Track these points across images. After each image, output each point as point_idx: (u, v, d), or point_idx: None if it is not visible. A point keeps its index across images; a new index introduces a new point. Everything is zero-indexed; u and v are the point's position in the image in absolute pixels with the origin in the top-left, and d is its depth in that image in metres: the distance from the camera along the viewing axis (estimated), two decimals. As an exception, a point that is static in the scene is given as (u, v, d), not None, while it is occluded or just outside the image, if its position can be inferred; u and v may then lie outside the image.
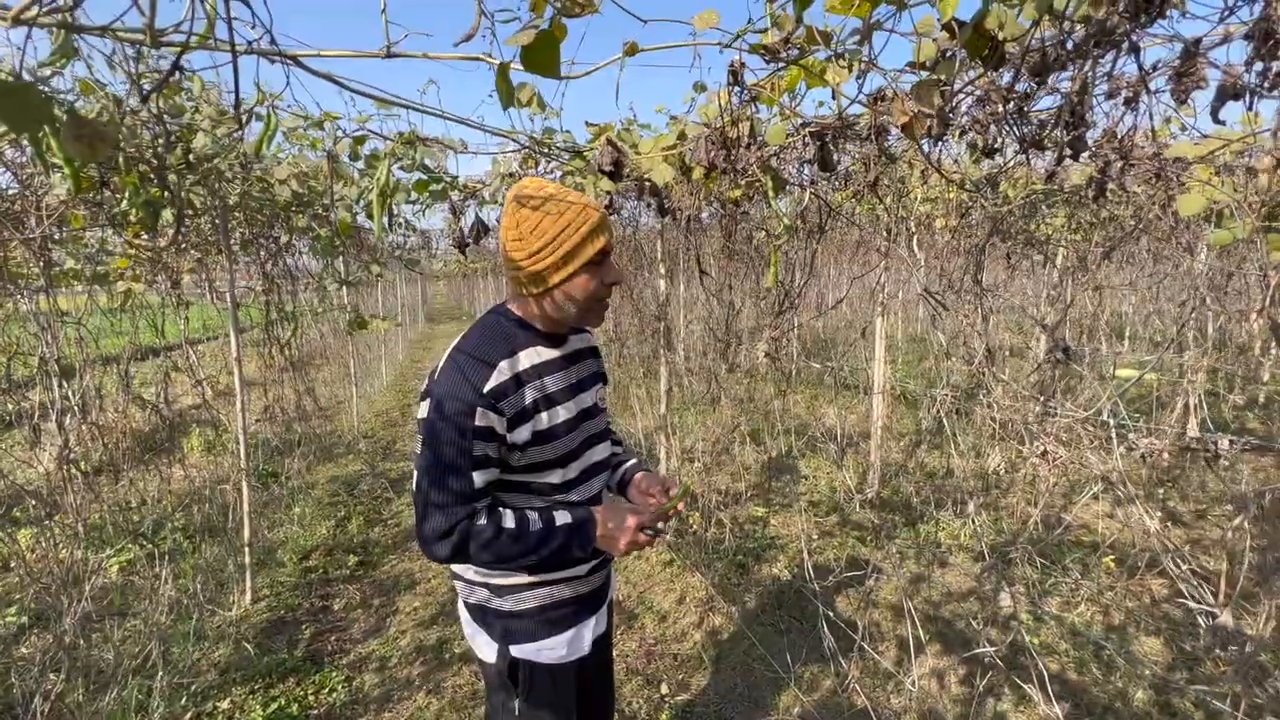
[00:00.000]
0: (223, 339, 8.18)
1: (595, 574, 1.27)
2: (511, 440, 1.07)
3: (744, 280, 3.45)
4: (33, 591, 2.09)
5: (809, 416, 5.30)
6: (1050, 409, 1.16)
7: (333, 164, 1.44)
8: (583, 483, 1.21)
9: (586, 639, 1.26)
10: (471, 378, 1.05)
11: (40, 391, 1.86)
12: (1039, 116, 1.46)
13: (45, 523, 2.29)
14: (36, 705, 1.48)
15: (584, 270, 1.09)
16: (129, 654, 2.13)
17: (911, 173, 2.08)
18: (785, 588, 2.96)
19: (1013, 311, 6.78)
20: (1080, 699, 2.19)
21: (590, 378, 1.26)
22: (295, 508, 3.94)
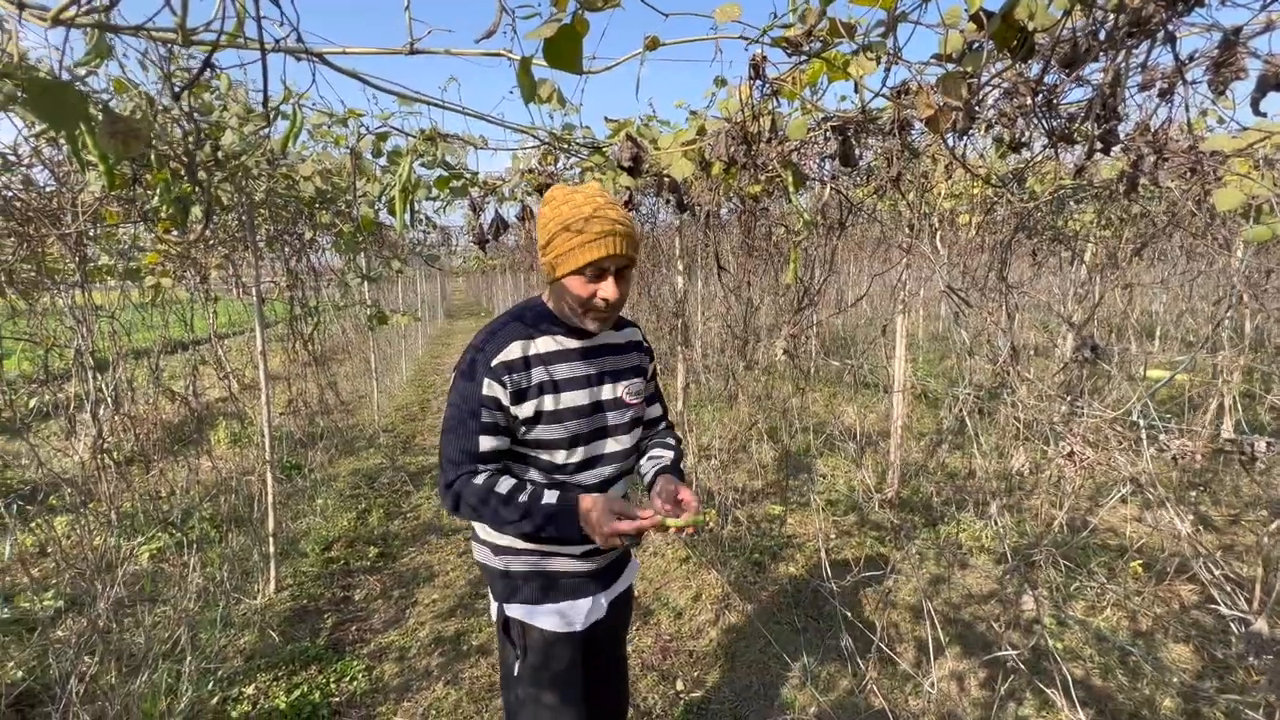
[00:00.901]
0: (248, 334, 8.36)
1: (590, 558, 1.29)
2: (516, 413, 1.17)
3: (762, 277, 3.42)
4: (69, 576, 2.16)
5: (827, 415, 5.25)
6: (1077, 409, 1.13)
7: (356, 161, 1.46)
8: (589, 468, 1.26)
9: (579, 616, 1.28)
10: (487, 351, 1.16)
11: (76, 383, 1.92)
12: (1068, 109, 1.42)
13: (80, 510, 2.37)
14: (72, 686, 1.53)
15: (572, 275, 1.15)
16: (159, 639, 2.20)
17: (935, 168, 2.05)
18: (802, 587, 2.94)
19: (1038, 310, 6.64)
20: (1105, 705, 2.15)
21: (621, 371, 1.30)
22: (318, 500, 4.01)
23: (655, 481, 1.31)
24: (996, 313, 1.37)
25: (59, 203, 1.73)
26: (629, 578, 1.45)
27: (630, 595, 1.49)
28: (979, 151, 1.56)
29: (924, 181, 1.73)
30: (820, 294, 1.79)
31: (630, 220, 1.19)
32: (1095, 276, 3.79)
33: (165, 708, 2.12)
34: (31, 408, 2.32)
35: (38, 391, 2.09)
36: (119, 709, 1.76)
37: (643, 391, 1.35)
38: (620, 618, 1.46)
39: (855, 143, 1.61)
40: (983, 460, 2.78)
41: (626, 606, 1.49)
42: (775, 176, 1.70)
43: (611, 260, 1.14)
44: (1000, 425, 3.99)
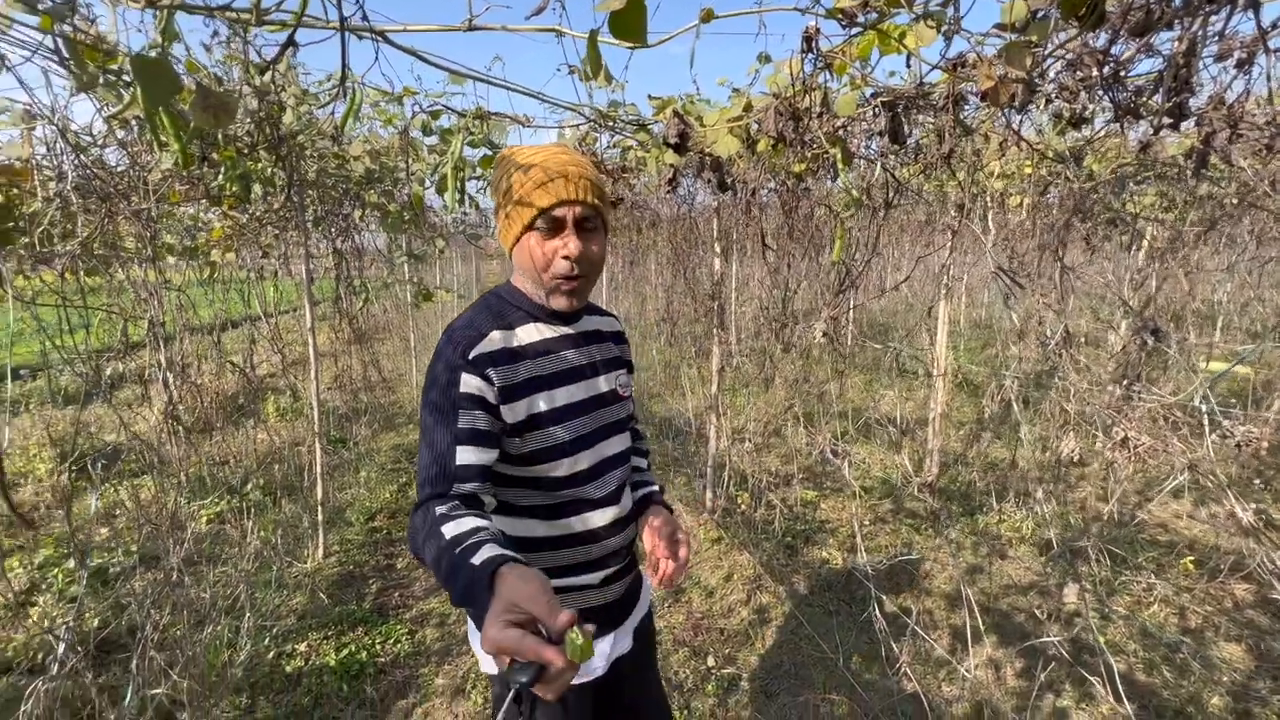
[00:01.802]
0: (294, 313, 8.67)
1: (611, 585, 1.12)
2: (506, 418, 0.96)
3: (802, 261, 3.38)
4: (143, 533, 2.32)
5: (864, 402, 5.18)
6: (1134, 393, 1.09)
7: (406, 140, 1.50)
8: (597, 476, 1.07)
9: (603, 656, 1.11)
10: (459, 345, 0.96)
11: (149, 354, 2.04)
12: (1136, 82, 1.36)
13: (155, 469, 2.53)
14: (148, 633, 1.65)
15: (526, 234, 0.98)
16: (221, 595, 2.34)
17: (987, 145, 1.98)
18: (835, 571, 2.94)
19: (1089, 298, 6.38)
20: (1148, 701, 2.10)
21: (609, 361, 1.14)
22: (361, 472, 4.17)
23: (645, 511, 1.16)
24: (1049, 294, 1.33)
25: (129, 181, 1.82)
26: (646, 603, 1.27)
27: (652, 618, 1.31)
28: (1036, 126, 1.51)
29: (975, 160, 1.67)
30: (862, 275, 1.76)
31: (589, 166, 1.01)
32: (1154, 263, 3.62)
33: (227, 659, 2.26)
34: (109, 376, 2.48)
35: (116, 359, 2.23)
36: (188, 657, 1.89)
37: (629, 385, 1.19)
38: (646, 645, 1.28)
39: (905, 119, 1.57)
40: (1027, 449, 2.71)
41: (651, 630, 1.31)
42: (821, 154, 1.68)
43: (566, 206, 0.95)
44: (1045, 415, 3.87)
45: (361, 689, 2.25)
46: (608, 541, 1.10)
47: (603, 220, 1.03)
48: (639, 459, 1.28)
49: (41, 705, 1.36)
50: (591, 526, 1.07)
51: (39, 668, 1.96)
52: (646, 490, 1.21)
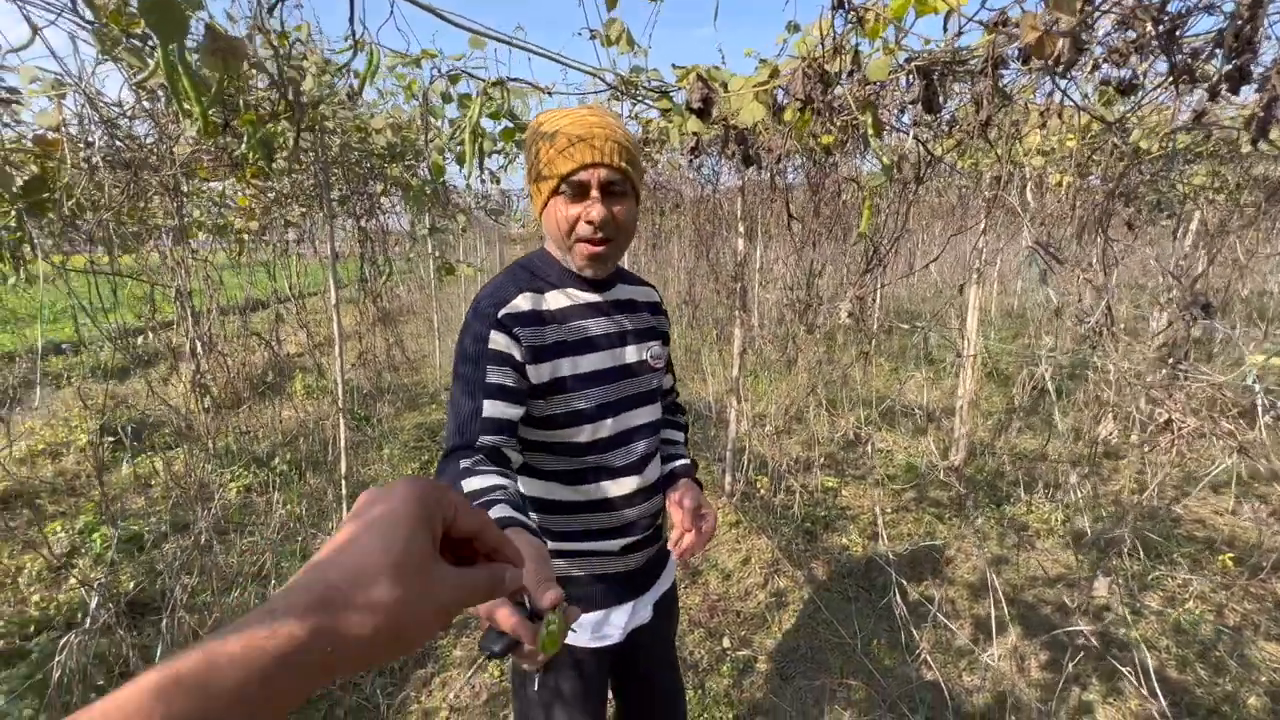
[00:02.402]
0: (319, 295, 8.83)
1: (631, 554, 1.11)
2: (531, 378, 0.97)
3: (827, 242, 3.30)
4: (174, 499, 2.38)
5: (889, 389, 5.08)
6: (1181, 372, 1.03)
7: (426, 107, 1.48)
8: (620, 445, 1.06)
9: (617, 625, 1.11)
10: (488, 305, 0.97)
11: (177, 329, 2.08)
12: (1193, 43, 1.28)
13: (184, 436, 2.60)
14: (178, 594, 1.70)
15: (553, 199, 0.98)
16: (248, 562, 2.40)
17: (1027, 117, 1.89)
18: (854, 558, 2.90)
19: (1128, 288, 6.14)
20: (1180, 698, 2.03)
21: (642, 331, 1.11)
22: (385, 449, 4.24)
23: (673, 484, 1.12)
24: (1090, 271, 1.27)
25: (158, 154, 1.84)
26: (670, 577, 1.25)
27: (675, 593, 1.30)
28: (1082, 94, 1.43)
29: (1014, 131, 1.60)
30: (890, 253, 1.71)
31: (618, 128, 0.97)
32: (1201, 248, 3.45)
33: (253, 624, 2.32)
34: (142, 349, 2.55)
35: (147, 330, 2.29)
36: (215, 620, 1.94)
37: (662, 357, 1.16)
38: (667, 618, 1.26)
39: (940, 87, 1.50)
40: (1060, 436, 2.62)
41: (673, 605, 1.30)
42: (850, 124, 1.62)
43: (591, 170, 0.93)
44: (1079, 405, 3.75)
45: (381, 657, 2.29)
46: (628, 510, 1.09)
47: (632, 185, 0.99)
48: (674, 432, 1.25)
49: (75, 658, 1.40)
50: (612, 494, 1.06)
51: (76, 624, 2.04)
52: (676, 464, 1.18)
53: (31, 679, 1.86)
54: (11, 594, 2.66)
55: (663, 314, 1.21)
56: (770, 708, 2.05)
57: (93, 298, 1.81)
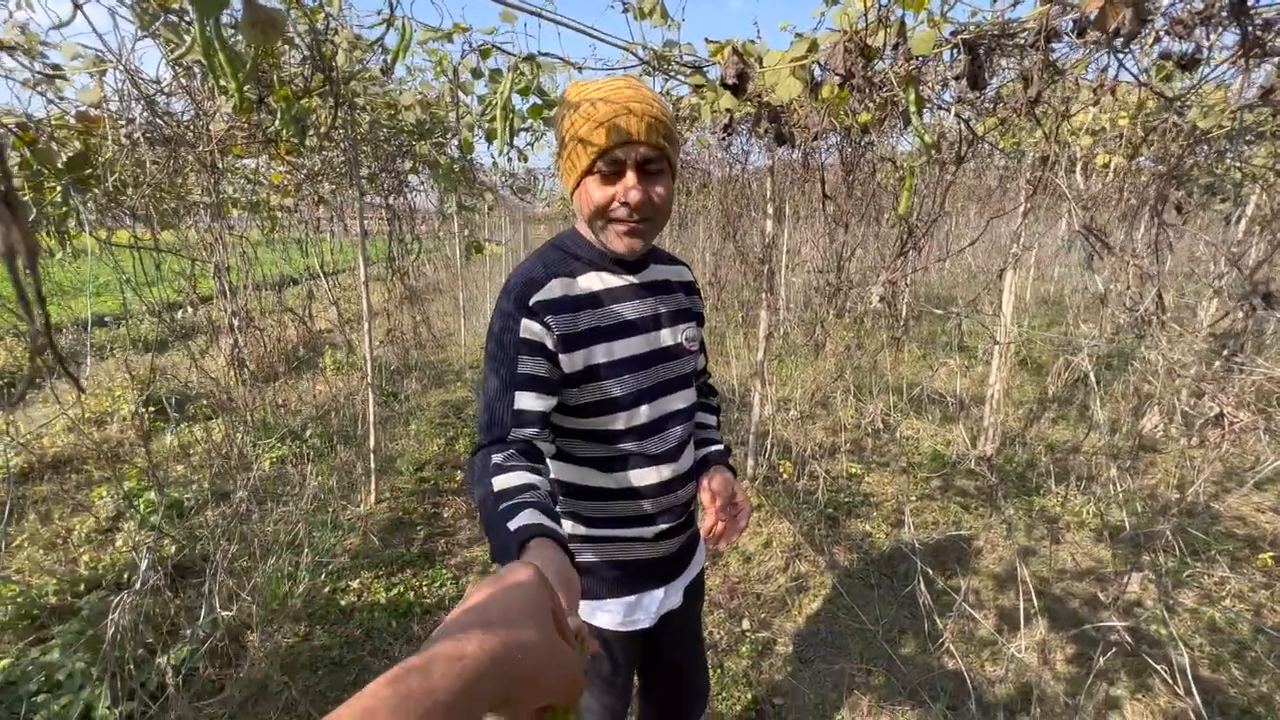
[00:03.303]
0: (348, 273, 8.97)
1: (664, 540, 1.10)
2: (564, 367, 0.95)
3: (859, 224, 3.22)
4: (214, 468, 2.47)
5: (918, 377, 4.99)
6: (1236, 364, 0.98)
7: (456, 82, 1.47)
8: (655, 432, 1.04)
9: (651, 610, 1.11)
10: (520, 292, 0.94)
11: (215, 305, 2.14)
12: (1265, 14, 1.20)
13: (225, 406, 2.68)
14: (218, 560, 1.76)
15: (586, 179, 0.92)
16: (283, 531, 2.48)
17: (1077, 94, 1.80)
18: (877, 545, 2.88)
19: (1174, 276, 5.89)
20: (1213, 697, 1.98)
21: (677, 314, 1.08)
22: (411, 425, 4.32)
23: (706, 471, 1.11)
24: (1139, 258, 1.21)
25: (195, 130, 1.87)
26: (700, 561, 1.26)
27: (703, 576, 1.31)
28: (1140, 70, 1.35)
29: (1064, 109, 1.52)
30: (926, 235, 1.66)
31: (656, 102, 0.92)
32: (1257, 234, 3.28)
33: (288, 590, 2.41)
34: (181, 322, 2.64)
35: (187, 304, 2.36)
36: (254, 584, 2.02)
37: (697, 339, 1.13)
38: (695, 600, 1.27)
39: (987, 62, 1.44)
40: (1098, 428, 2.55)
41: (701, 587, 1.30)
42: (890, 100, 1.56)
43: (626, 148, 0.88)
44: (1117, 396, 3.64)
45: (409, 626, 2.36)
46: (662, 498, 1.07)
47: (669, 163, 0.94)
48: (707, 415, 1.22)
49: (127, 617, 1.47)
50: (647, 482, 1.05)
51: (125, 584, 2.14)
52: (710, 450, 1.16)
53: (84, 634, 1.97)
54: (63, 554, 2.80)
55: (697, 294, 1.17)
56: (789, 690, 2.06)
57: (136, 273, 1.86)
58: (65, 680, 1.83)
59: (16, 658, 1.96)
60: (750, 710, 1.98)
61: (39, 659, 1.92)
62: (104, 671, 1.72)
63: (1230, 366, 1.02)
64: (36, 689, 1.80)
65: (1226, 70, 1.10)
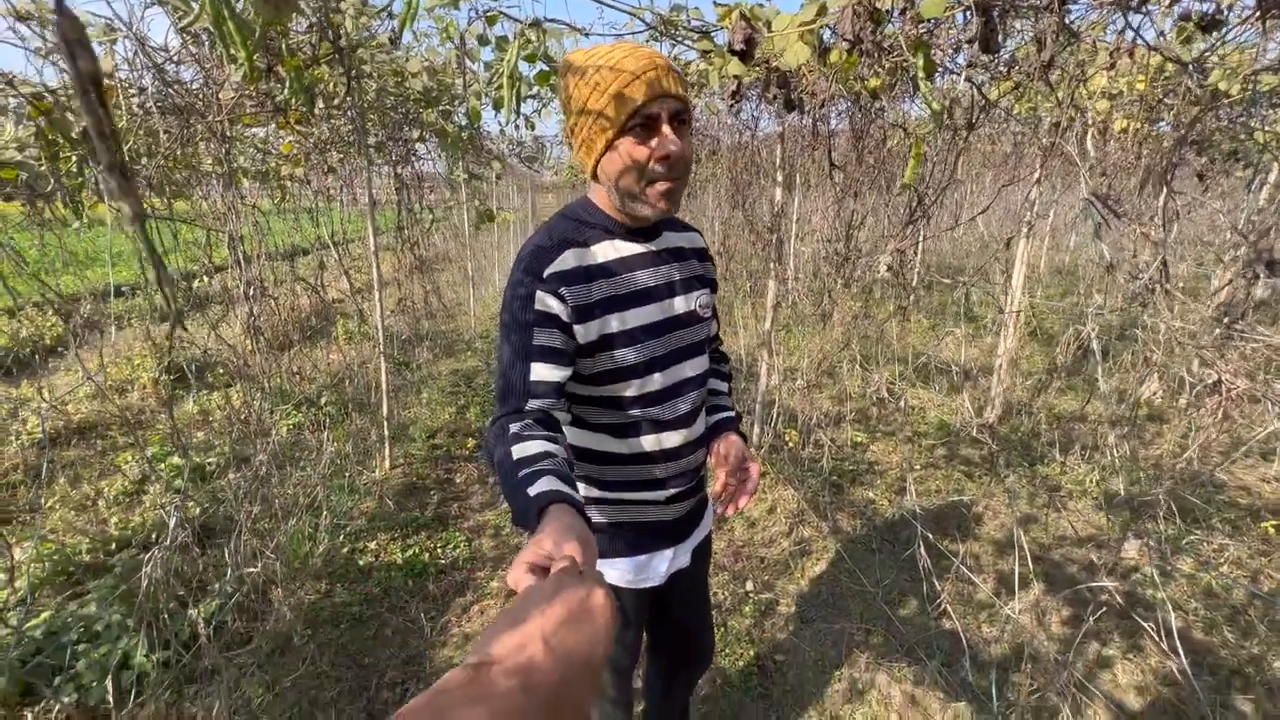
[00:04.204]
0: (357, 242, 8.98)
1: (675, 504, 1.14)
2: (579, 337, 0.96)
3: (869, 192, 3.19)
4: (234, 432, 2.55)
5: (926, 346, 4.98)
6: (1236, 332, 0.99)
7: (463, 50, 1.47)
8: (668, 399, 1.05)
9: (660, 570, 1.16)
10: (533, 264, 0.95)
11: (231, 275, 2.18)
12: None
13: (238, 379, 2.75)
14: (241, 520, 1.84)
15: (620, 140, 0.90)
16: (302, 494, 2.57)
17: (1094, 58, 1.76)
18: (880, 511, 2.93)
19: (1192, 245, 5.78)
20: (1204, 658, 2.04)
21: (690, 280, 1.09)
22: (423, 393, 4.40)
23: (715, 437, 1.13)
24: (1148, 225, 1.21)
25: (204, 99, 1.88)
26: (708, 523, 1.30)
27: (710, 539, 1.35)
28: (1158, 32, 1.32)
29: (1079, 72, 1.49)
30: (936, 204, 1.65)
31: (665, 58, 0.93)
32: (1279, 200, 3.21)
33: (308, 550, 2.51)
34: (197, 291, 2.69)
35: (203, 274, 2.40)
36: (276, 544, 2.11)
37: (710, 305, 1.13)
38: (702, 561, 1.31)
39: (1000, 24, 1.41)
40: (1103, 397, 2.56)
41: (708, 548, 1.34)
42: (899, 65, 1.54)
43: (660, 102, 0.88)
44: (1125, 367, 3.62)
45: (424, 585, 2.46)
46: (674, 463, 1.10)
47: (690, 115, 0.95)
48: (718, 382, 1.24)
49: (159, 571, 1.56)
50: (661, 447, 1.07)
51: (153, 543, 2.24)
52: (721, 416, 1.17)
53: (117, 589, 2.07)
54: (93, 515, 2.92)
55: (709, 260, 1.18)
56: (790, 647, 2.14)
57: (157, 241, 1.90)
58: (104, 631, 1.94)
59: (56, 610, 2.07)
60: (752, 667, 2.06)
61: (77, 612, 2.03)
62: (139, 622, 1.82)
63: (1230, 334, 1.03)
64: (77, 639, 1.91)
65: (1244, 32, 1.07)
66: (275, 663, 2.03)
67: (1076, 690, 1.80)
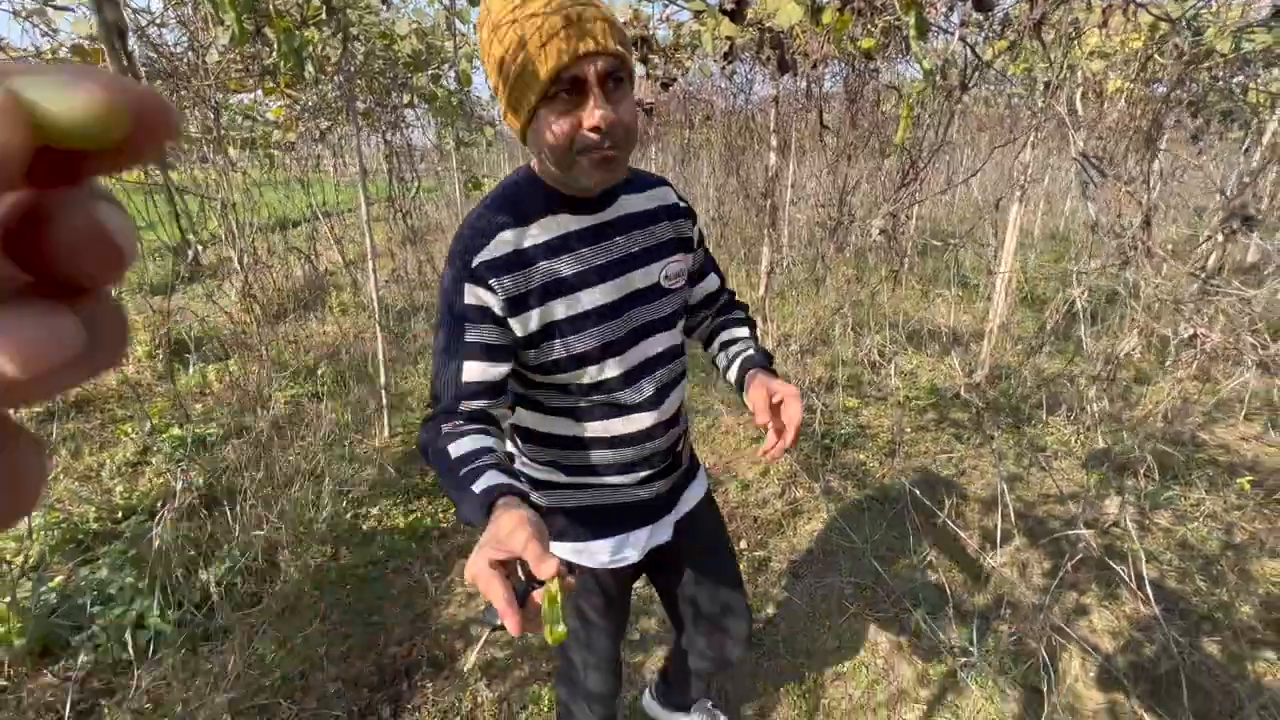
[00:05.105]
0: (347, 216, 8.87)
1: (648, 485, 1.05)
2: (517, 330, 0.86)
3: (863, 158, 3.18)
4: (235, 400, 2.57)
5: (917, 313, 5.02)
6: (1213, 286, 1.03)
7: (453, 10, 1.45)
8: (631, 383, 0.95)
9: (635, 546, 1.08)
10: (466, 249, 0.85)
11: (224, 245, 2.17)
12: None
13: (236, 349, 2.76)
14: (246, 484, 1.88)
15: (541, 108, 0.77)
16: (303, 461, 2.61)
17: (1088, 17, 1.76)
18: (870, 471, 3.01)
19: (1184, 210, 5.79)
20: (1176, 605, 2.14)
21: (654, 249, 0.96)
22: (420, 363, 4.42)
23: (745, 382, 0.99)
24: (1133, 185, 1.23)
25: (189, 64, 1.85)
26: (697, 492, 1.19)
27: (709, 501, 1.22)
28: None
29: (1073, 30, 1.48)
30: (929, 166, 1.66)
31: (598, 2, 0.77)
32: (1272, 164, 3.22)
33: (312, 515, 2.57)
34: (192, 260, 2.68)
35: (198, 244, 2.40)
36: (280, 509, 2.16)
37: (684, 271, 1.01)
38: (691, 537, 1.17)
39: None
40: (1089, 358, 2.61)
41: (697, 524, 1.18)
42: (892, 25, 1.54)
43: (586, 60, 0.74)
44: (1114, 331, 3.68)
45: (427, 547, 2.53)
46: (644, 445, 1.00)
47: (629, 71, 0.79)
48: (735, 329, 1.10)
49: (169, 534, 1.60)
50: (623, 432, 0.98)
51: (159, 511, 2.29)
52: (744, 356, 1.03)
53: (128, 554, 2.12)
54: (96, 485, 2.96)
55: (684, 215, 1.03)
56: (783, 601, 2.23)
57: (149, 213, 1.89)
58: (117, 594, 1.99)
59: (68, 576, 2.13)
60: (745, 618, 2.15)
61: (90, 576, 2.09)
62: (151, 585, 1.88)
63: (1206, 290, 1.06)
64: (92, 602, 1.97)
65: (1235, -12, 1.08)
66: (286, 621, 2.10)
67: (1054, 634, 1.90)
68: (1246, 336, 0.98)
